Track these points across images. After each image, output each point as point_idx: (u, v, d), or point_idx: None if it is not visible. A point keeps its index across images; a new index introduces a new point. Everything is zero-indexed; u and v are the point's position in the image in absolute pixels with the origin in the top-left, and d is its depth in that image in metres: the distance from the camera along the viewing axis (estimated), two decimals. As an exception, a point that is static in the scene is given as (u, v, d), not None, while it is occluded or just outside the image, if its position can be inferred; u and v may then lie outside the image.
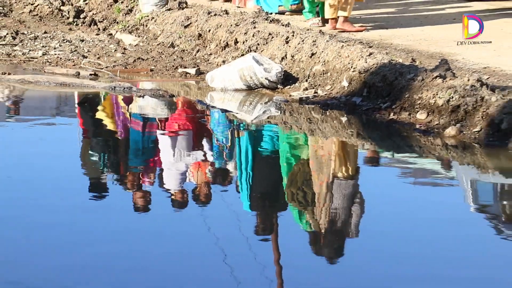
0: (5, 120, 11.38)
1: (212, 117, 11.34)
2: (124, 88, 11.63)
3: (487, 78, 10.38)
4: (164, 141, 10.65)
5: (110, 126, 11.17)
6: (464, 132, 9.64)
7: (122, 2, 14.92)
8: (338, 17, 13.33)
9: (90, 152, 10.01)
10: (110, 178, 9.26)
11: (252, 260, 7.01)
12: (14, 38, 13.57)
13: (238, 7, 14.88)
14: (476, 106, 9.71)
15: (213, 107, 11.41)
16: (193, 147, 10.39)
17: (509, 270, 6.98)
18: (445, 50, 12.14)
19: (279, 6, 14.53)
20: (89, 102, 11.58)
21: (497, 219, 8.30)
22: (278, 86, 11.44)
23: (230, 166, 9.63)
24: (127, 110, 11.51)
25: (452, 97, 9.89)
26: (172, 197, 8.69)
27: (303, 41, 11.94)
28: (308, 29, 12.94)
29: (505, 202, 8.78)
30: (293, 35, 12.17)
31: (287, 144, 10.50)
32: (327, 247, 7.53)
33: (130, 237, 7.47)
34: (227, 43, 12.77)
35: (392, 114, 10.33)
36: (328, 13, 13.39)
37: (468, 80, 10.07)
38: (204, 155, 10.07)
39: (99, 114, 11.50)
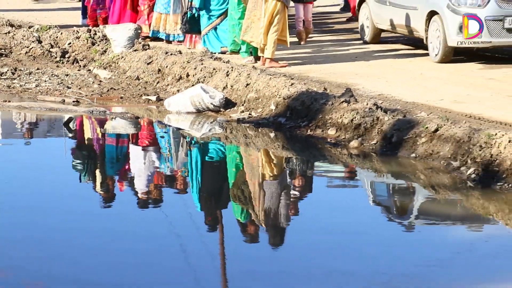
0: (7, 137, 11.34)
1: (169, 134, 11.36)
2: (100, 112, 11.61)
3: (381, 103, 10.43)
4: (132, 153, 10.65)
5: (90, 142, 11.16)
6: (364, 144, 9.71)
7: (98, 45, 14.83)
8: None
9: (78, 161, 10.02)
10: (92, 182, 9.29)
11: (202, 244, 7.06)
12: (13, 73, 13.47)
13: (189, 48, 14.84)
14: (373, 124, 9.78)
15: (170, 126, 11.42)
16: (155, 158, 10.38)
17: (398, 248, 7.09)
18: (349, 81, 12.17)
19: (221, 47, 14.50)
20: (72, 123, 11.51)
21: (389, 211, 8.42)
22: (221, 109, 11.44)
23: (183, 173, 9.64)
24: (102, 129, 11.48)
25: (355, 117, 9.95)
26: (138, 197, 8.69)
27: (240, 74, 11.95)
28: (244, 65, 12.95)
29: (395, 198, 8.88)
30: (232, 70, 12.17)
31: (228, 154, 10.54)
32: (263, 233, 7.63)
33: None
34: (180, 76, 12.73)
35: (309, 130, 10.35)
36: (260, 53, 13.42)
37: (367, 104, 10.14)
38: (163, 164, 10.07)
39: (82, 133, 11.51)
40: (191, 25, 14.69)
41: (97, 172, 9.74)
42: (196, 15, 14.57)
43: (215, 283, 6.26)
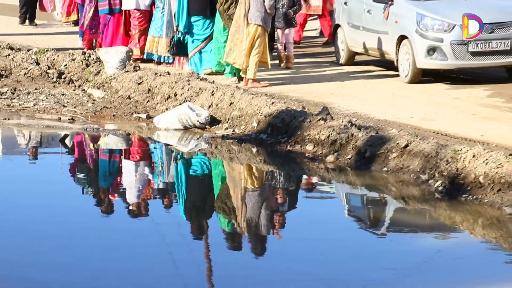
0: (7, 152, 11.32)
1: (158, 149, 11.36)
2: (94, 129, 11.59)
3: (356, 120, 10.46)
4: (124, 167, 10.64)
5: (85, 157, 11.16)
6: (340, 159, 9.72)
7: (92, 66, 14.79)
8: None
9: (73, 175, 10.04)
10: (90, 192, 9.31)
11: (188, 251, 7.07)
12: (12, 93, 13.43)
13: (177, 69, 14.84)
14: (348, 140, 9.80)
15: (159, 142, 11.41)
16: (145, 172, 10.38)
17: (371, 255, 7.12)
18: (326, 100, 12.18)
19: (204, 70, 14.41)
20: (67, 139, 11.51)
21: (363, 221, 8.44)
22: (207, 126, 11.43)
23: (172, 186, 9.64)
24: (96, 145, 11.47)
25: (331, 134, 9.96)
26: (130, 208, 8.69)
27: (224, 94, 11.95)
28: (228, 85, 12.95)
29: (369, 209, 8.90)
30: (217, 89, 12.17)
31: (214, 168, 10.55)
32: (246, 242, 7.63)
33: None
34: (169, 95, 12.72)
35: (288, 146, 10.35)
36: (242, 74, 13.45)
37: (342, 121, 10.17)
38: (153, 177, 10.07)
39: (77, 149, 11.51)
40: (178, 48, 14.70)
41: (91, 184, 9.74)
42: (182, 38, 14.58)
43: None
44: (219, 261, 6.90)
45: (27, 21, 21.16)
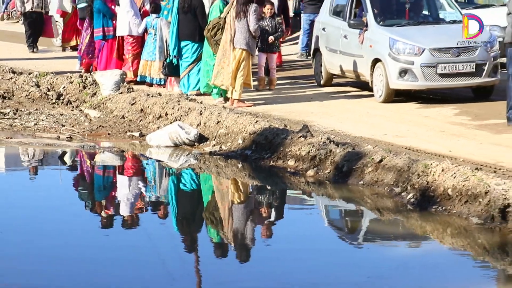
0: (10, 168, 11.29)
1: (150, 165, 11.34)
2: (90, 146, 11.57)
3: (334, 137, 10.44)
4: (118, 182, 10.62)
5: (82, 172, 11.13)
6: (319, 173, 9.72)
7: (89, 88, 14.79)
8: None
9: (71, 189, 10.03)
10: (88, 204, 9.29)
11: (179, 260, 7.06)
12: (14, 114, 13.40)
13: (168, 90, 14.85)
14: (326, 156, 9.80)
15: (151, 158, 11.39)
16: (138, 186, 10.36)
17: (349, 263, 7.12)
18: (306, 118, 12.19)
19: (190, 91, 14.41)
20: (66, 156, 11.49)
21: (341, 231, 8.45)
22: (195, 143, 11.42)
23: (163, 199, 9.63)
24: (92, 161, 11.45)
25: (311, 150, 9.96)
26: (124, 220, 8.67)
27: (211, 113, 11.95)
28: (215, 105, 12.96)
29: (346, 220, 8.91)
30: (205, 109, 12.17)
31: (202, 182, 10.54)
32: (232, 250, 7.62)
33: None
34: (160, 115, 12.71)
35: (271, 161, 10.34)
36: (229, 94, 13.47)
37: (321, 138, 10.16)
38: (146, 191, 10.05)
39: (75, 165, 11.49)
40: (170, 70, 14.76)
41: (88, 198, 9.71)
42: (173, 61, 14.63)
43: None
44: (208, 269, 6.92)
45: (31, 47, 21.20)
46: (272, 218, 8.86)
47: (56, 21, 21.47)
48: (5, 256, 7.05)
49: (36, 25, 21.03)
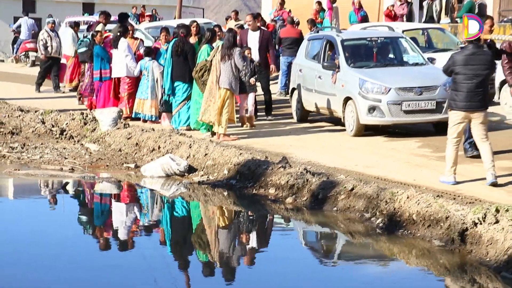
0: (18, 197, 11.23)
1: (145, 194, 11.31)
2: (90, 177, 11.54)
3: (310, 168, 10.47)
4: (115, 209, 10.59)
5: (83, 200, 11.10)
6: (297, 200, 9.74)
7: (89, 125, 14.77)
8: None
9: (73, 215, 9.99)
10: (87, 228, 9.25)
11: (171, 278, 7.04)
12: (22, 148, 13.35)
13: (162, 125, 14.86)
14: (304, 184, 9.83)
15: (145, 187, 11.36)
16: (133, 213, 10.33)
17: (324, 281, 7.11)
18: (285, 151, 12.21)
19: (180, 127, 14.42)
20: (68, 186, 11.46)
21: (317, 252, 8.44)
22: (185, 174, 11.41)
23: (156, 224, 9.61)
24: (92, 190, 11.41)
25: (290, 179, 9.98)
26: (121, 243, 8.64)
27: (200, 146, 11.95)
28: (203, 139, 12.97)
29: (322, 242, 8.89)
30: (194, 143, 12.18)
31: (191, 209, 10.51)
32: (218, 270, 7.60)
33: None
34: (153, 148, 12.70)
35: (254, 190, 10.34)
36: (215, 129, 13.48)
37: (299, 169, 10.20)
38: (140, 217, 10.02)
39: (76, 194, 11.44)
40: (166, 107, 14.81)
41: (88, 224, 9.68)
42: (167, 99, 14.69)
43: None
44: (197, 287, 6.94)
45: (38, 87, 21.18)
46: (255, 242, 8.85)
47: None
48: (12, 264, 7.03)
49: (50, 69, 21.02)
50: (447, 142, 9.90)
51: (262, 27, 17.02)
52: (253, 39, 15.33)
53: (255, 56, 15.03)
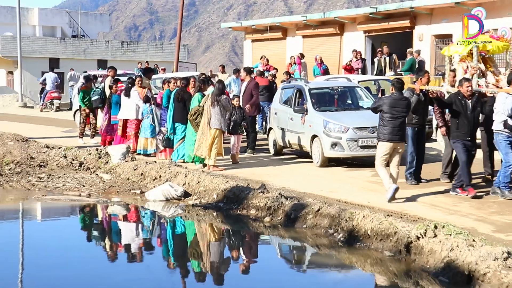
0: (44, 218, 11.13)
1: (148, 214, 11.26)
2: (104, 201, 11.51)
3: (284, 193, 10.46)
4: (124, 226, 10.52)
5: (98, 220, 11.01)
6: (274, 219, 9.72)
7: (102, 158, 14.71)
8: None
9: (89, 232, 9.92)
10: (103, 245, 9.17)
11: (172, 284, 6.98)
12: (48, 178, 13.31)
13: (162, 158, 14.83)
14: (279, 206, 9.83)
15: (148, 209, 11.30)
16: (139, 230, 10.27)
17: (293, 283, 7.08)
18: (263, 179, 12.21)
19: (178, 160, 14.40)
20: (85, 209, 11.38)
21: (289, 260, 8.41)
22: (182, 198, 11.39)
23: (158, 239, 9.56)
24: (105, 211, 11.34)
25: (267, 202, 9.98)
26: (128, 255, 8.58)
27: (193, 175, 11.95)
28: (196, 170, 12.96)
29: (293, 252, 8.85)
30: (188, 173, 12.17)
31: (187, 226, 10.46)
32: (209, 276, 7.55)
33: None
34: (155, 177, 12.68)
35: (238, 211, 10.33)
36: (206, 161, 13.49)
37: (275, 193, 10.19)
38: (145, 233, 9.97)
39: (92, 215, 11.35)
40: (168, 143, 14.79)
41: (102, 239, 9.62)
42: (169, 137, 14.69)
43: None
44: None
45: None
46: (239, 253, 8.82)
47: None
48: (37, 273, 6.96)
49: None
50: (376, 167, 10.27)
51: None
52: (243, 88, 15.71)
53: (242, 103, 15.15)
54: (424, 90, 11.12)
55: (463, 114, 10.30)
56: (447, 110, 10.85)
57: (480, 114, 10.70)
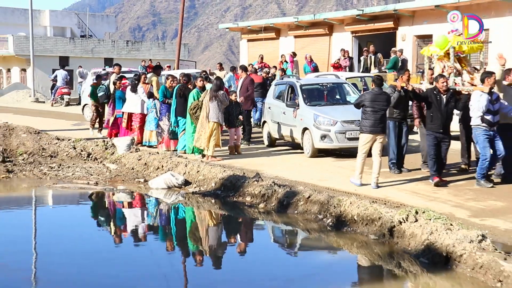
0: (55, 204, 11.12)
1: (151, 201, 11.26)
2: (110, 189, 11.51)
3: (277, 181, 10.48)
4: (129, 212, 10.52)
5: (105, 206, 11.00)
6: (268, 206, 9.75)
7: (109, 149, 14.67)
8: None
9: (97, 217, 9.92)
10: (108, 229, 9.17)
11: (171, 266, 6.99)
12: (58, 167, 13.29)
13: (166, 149, 14.81)
14: (272, 193, 9.85)
15: (152, 196, 11.30)
16: (143, 215, 10.28)
17: (281, 266, 7.11)
18: (258, 168, 12.18)
19: (180, 150, 14.39)
20: (93, 196, 11.38)
21: (283, 245, 8.43)
22: (182, 186, 11.40)
23: (160, 224, 9.56)
24: (112, 198, 11.34)
25: (262, 190, 9.99)
26: (133, 239, 8.58)
27: (193, 165, 11.96)
28: (195, 160, 12.97)
29: (286, 235, 8.87)
30: (189, 163, 12.19)
31: (187, 212, 10.48)
32: (208, 258, 7.56)
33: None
34: (158, 166, 12.69)
35: (235, 198, 10.35)
36: (205, 152, 13.49)
37: (269, 182, 10.22)
38: (148, 218, 9.97)
39: (100, 201, 11.35)
40: (172, 135, 14.75)
41: (109, 223, 9.62)
42: (173, 129, 14.67)
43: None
44: (192, 271, 6.89)
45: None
46: (236, 237, 8.84)
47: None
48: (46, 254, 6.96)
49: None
50: (358, 155, 10.37)
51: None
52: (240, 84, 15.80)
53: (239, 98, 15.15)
54: (404, 87, 11.14)
55: (437, 107, 10.33)
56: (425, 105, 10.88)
57: (455, 110, 10.73)
